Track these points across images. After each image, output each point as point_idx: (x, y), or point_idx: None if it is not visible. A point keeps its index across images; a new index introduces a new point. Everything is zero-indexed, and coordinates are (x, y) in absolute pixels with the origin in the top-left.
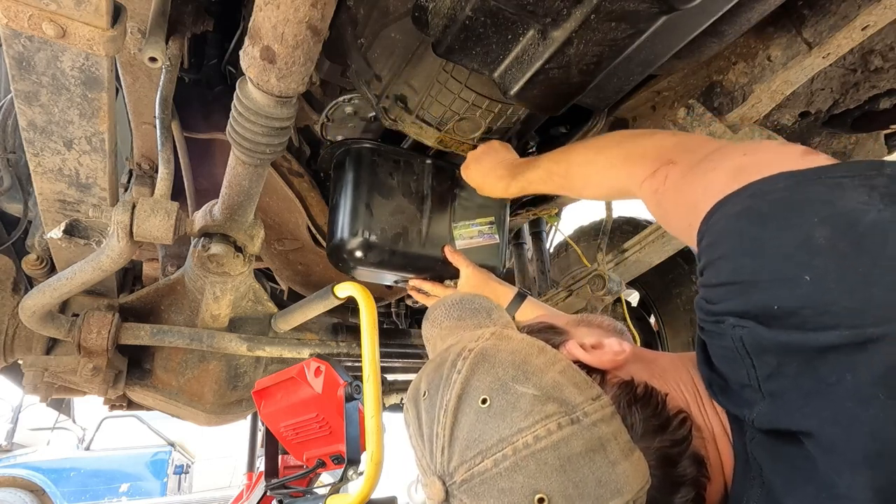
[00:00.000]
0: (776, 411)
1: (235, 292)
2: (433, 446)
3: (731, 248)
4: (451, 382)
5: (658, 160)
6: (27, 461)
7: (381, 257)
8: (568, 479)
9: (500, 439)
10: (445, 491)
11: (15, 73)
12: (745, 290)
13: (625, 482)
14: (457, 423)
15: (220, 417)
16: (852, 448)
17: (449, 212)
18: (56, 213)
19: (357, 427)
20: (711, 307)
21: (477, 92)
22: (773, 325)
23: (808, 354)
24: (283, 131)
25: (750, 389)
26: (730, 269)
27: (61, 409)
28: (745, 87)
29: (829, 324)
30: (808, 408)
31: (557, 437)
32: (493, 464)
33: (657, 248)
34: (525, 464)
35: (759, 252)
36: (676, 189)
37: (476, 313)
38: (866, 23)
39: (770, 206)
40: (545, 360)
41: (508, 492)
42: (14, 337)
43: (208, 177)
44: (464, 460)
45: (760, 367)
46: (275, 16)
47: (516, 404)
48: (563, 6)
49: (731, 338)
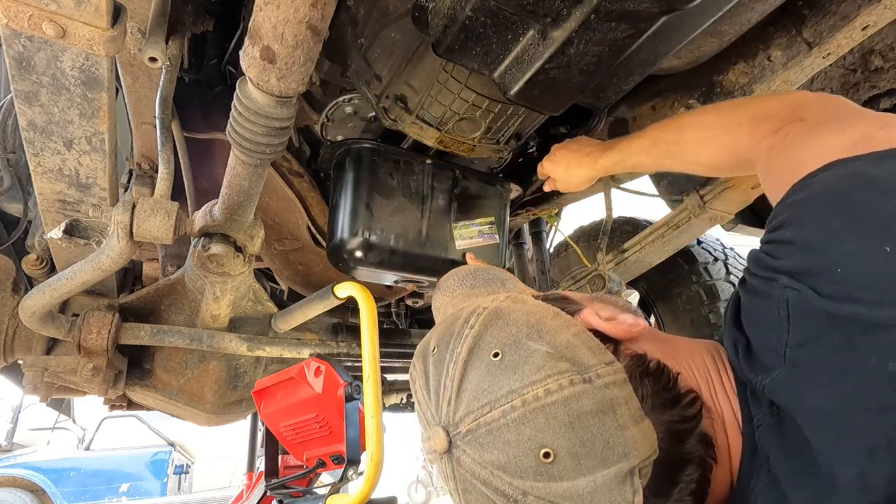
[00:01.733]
0: (794, 381)
1: (235, 292)
2: (439, 398)
3: (822, 207)
4: (463, 336)
5: (787, 119)
6: (27, 461)
7: (381, 257)
8: (576, 436)
9: (509, 391)
10: (449, 441)
11: (15, 73)
12: (814, 252)
13: (632, 447)
14: (466, 375)
15: (220, 417)
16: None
17: (449, 212)
18: (56, 213)
19: (357, 427)
20: (771, 261)
21: (477, 92)
22: (827, 293)
23: (853, 330)
24: (283, 131)
25: (773, 354)
26: (812, 227)
27: (61, 409)
28: (745, 87)
29: (889, 301)
30: (834, 387)
31: (568, 393)
32: (501, 414)
33: (657, 248)
34: (533, 416)
35: (847, 220)
36: (793, 145)
37: (490, 282)
38: (866, 23)
39: (882, 175)
40: (560, 322)
41: (514, 444)
42: (14, 337)
43: (208, 177)
44: (470, 410)
45: (795, 333)
46: (275, 16)
47: (528, 359)
48: (563, 6)
49: (776, 298)
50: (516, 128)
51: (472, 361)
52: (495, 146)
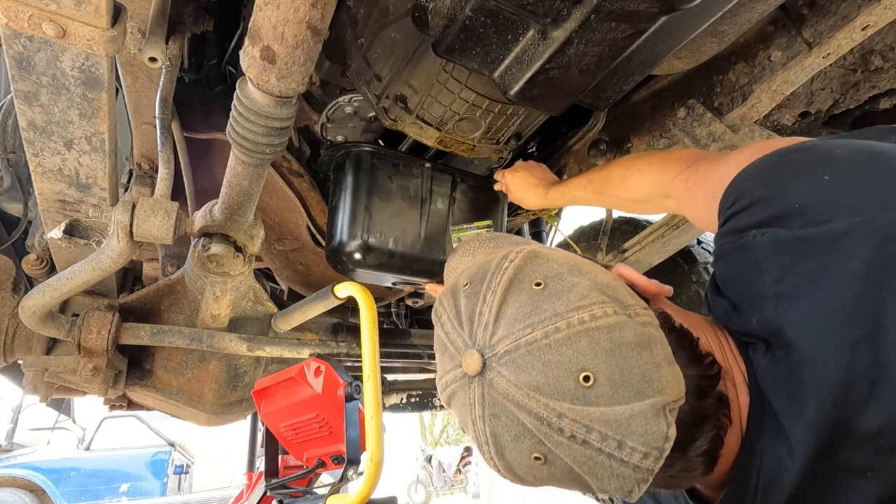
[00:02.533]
0: (779, 310)
1: (235, 292)
2: (473, 325)
3: (760, 175)
4: (502, 269)
5: (689, 160)
6: (27, 461)
7: (380, 260)
8: (616, 363)
9: (554, 314)
10: (483, 363)
11: (15, 73)
12: (771, 201)
13: (666, 385)
14: (506, 302)
15: (220, 417)
16: (855, 331)
17: (448, 215)
18: (56, 213)
19: (357, 427)
20: (737, 224)
21: (477, 92)
22: (792, 225)
23: (819, 246)
24: (283, 131)
25: (757, 299)
26: (763, 186)
27: (61, 409)
28: (745, 87)
29: (843, 213)
30: (814, 299)
31: (613, 321)
32: (544, 335)
33: (657, 248)
34: (577, 339)
35: (785, 172)
36: (706, 171)
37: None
38: (866, 23)
39: (799, 148)
40: (598, 267)
41: (554, 364)
42: (14, 337)
43: (208, 177)
44: (510, 332)
45: (773, 269)
46: (275, 16)
47: (573, 288)
48: (563, 6)
49: (750, 247)
50: (516, 128)
51: (513, 290)
52: (495, 146)
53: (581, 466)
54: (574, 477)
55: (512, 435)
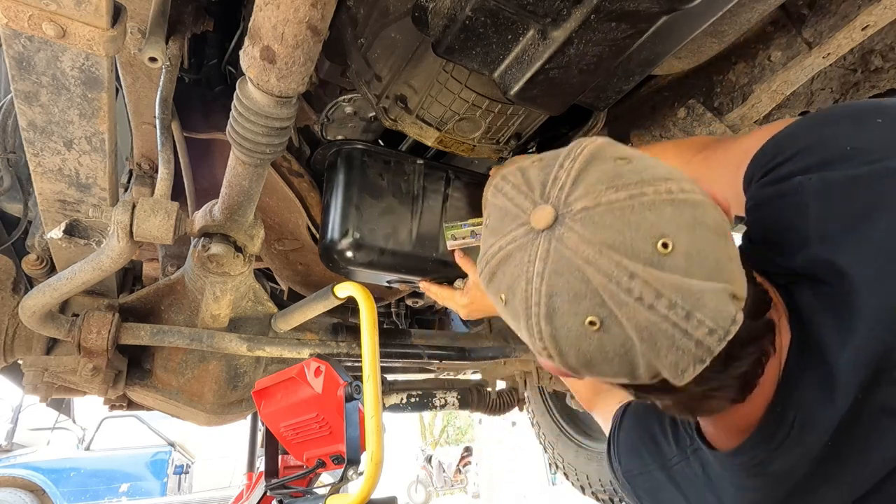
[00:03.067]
0: (830, 245)
1: (235, 292)
2: (546, 188)
3: (805, 128)
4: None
5: (704, 144)
6: (27, 461)
7: (371, 257)
8: (695, 239)
9: (640, 180)
10: (555, 217)
11: (15, 73)
12: (817, 147)
13: (735, 278)
14: (586, 168)
15: (220, 417)
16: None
17: (440, 212)
18: (56, 213)
19: (357, 427)
20: (778, 174)
21: (477, 92)
22: (843, 167)
23: (875, 180)
24: (283, 131)
25: (804, 239)
26: (803, 138)
27: (61, 409)
28: (745, 87)
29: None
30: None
31: (699, 199)
32: (628, 196)
33: None
34: (662, 207)
35: (832, 121)
36: (727, 148)
37: None
38: (866, 23)
39: (844, 104)
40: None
41: (634, 226)
42: (14, 337)
43: (208, 177)
44: (590, 191)
45: (818, 211)
46: (275, 16)
47: (660, 164)
48: (563, 6)
49: (795, 191)
50: (516, 128)
51: (594, 162)
52: (495, 146)
53: (641, 332)
54: (624, 352)
55: (571, 294)
